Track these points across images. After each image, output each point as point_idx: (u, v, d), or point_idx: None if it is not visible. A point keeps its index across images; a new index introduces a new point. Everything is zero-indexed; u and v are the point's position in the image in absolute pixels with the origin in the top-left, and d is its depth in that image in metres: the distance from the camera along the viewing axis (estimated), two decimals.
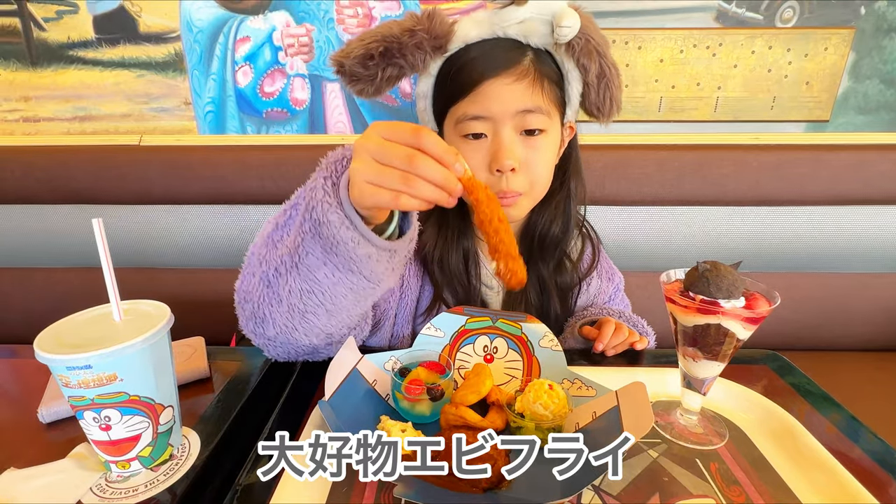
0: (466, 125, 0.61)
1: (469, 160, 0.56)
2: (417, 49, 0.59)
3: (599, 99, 0.63)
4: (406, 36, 0.58)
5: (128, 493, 0.43)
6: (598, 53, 0.60)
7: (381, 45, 0.58)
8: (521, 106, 0.59)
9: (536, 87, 0.60)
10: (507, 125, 0.60)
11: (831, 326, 1.12)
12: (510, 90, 0.59)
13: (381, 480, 0.43)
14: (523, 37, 0.60)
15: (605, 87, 0.62)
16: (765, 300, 0.46)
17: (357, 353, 0.54)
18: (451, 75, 0.62)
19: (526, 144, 0.61)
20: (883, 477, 0.45)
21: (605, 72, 0.62)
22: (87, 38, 1.09)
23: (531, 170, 0.62)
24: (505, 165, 0.60)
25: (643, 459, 0.47)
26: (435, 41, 0.59)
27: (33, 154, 1.08)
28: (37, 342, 0.40)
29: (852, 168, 1.03)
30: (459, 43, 0.60)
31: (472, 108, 0.60)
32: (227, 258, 1.12)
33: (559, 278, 0.73)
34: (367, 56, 0.58)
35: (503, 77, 0.59)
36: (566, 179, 0.71)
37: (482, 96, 0.59)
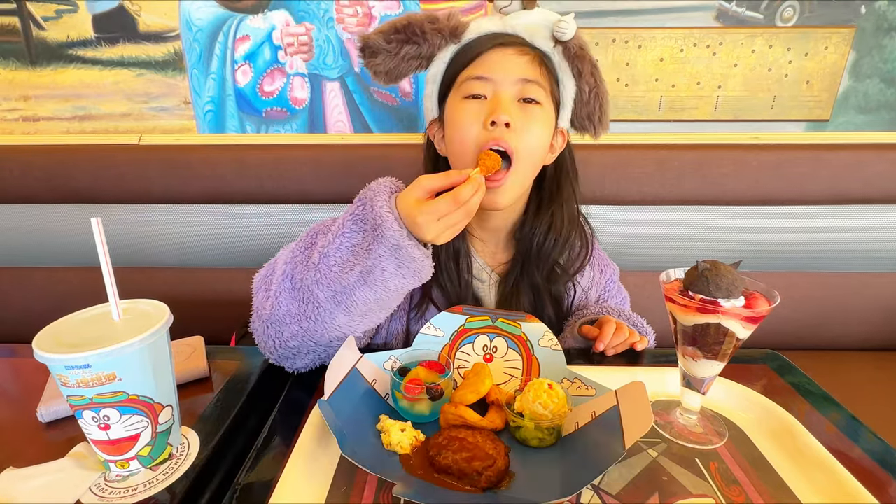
0: (469, 85, 0.65)
1: (464, 115, 0.65)
2: (436, 32, 0.65)
3: (590, 107, 0.68)
4: (427, 21, 0.65)
5: (127, 493, 0.43)
6: (592, 64, 0.66)
7: (406, 20, 0.65)
8: (521, 74, 0.64)
9: (536, 63, 0.65)
10: (507, 89, 0.64)
11: (831, 326, 1.12)
12: (513, 59, 0.64)
13: (381, 479, 0.43)
14: (529, 36, 0.66)
15: (596, 95, 0.67)
16: (764, 299, 0.46)
17: (356, 352, 0.54)
18: (458, 55, 0.67)
19: (523, 110, 0.64)
20: (882, 476, 0.45)
21: (598, 81, 0.67)
22: (86, 37, 1.09)
23: (524, 133, 0.64)
24: (500, 118, 0.62)
25: (643, 459, 0.47)
26: (452, 29, 0.66)
27: (32, 153, 1.07)
28: (36, 341, 0.40)
29: (852, 167, 1.03)
30: (473, 34, 0.67)
31: (475, 71, 0.65)
32: (226, 257, 1.12)
33: (552, 286, 0.74)
34: (392, 29, 0.65)
35: (508, 49, 0.64)
36: (560, 186, 0.73)
37: (487, 61, 0.64)
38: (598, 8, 1.05)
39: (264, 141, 1.14)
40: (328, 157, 1.04)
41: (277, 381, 0.63)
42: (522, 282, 0.73)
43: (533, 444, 0.48)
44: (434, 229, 0.54)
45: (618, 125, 1.14)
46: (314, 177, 1.05)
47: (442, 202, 0.52)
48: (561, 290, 0.75)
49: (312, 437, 0.48)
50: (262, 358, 0.64)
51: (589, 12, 1.06)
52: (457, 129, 0.66)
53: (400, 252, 0.53)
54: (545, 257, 0.72)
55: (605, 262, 0.81)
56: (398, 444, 0.46)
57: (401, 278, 0.55)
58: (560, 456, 0.46)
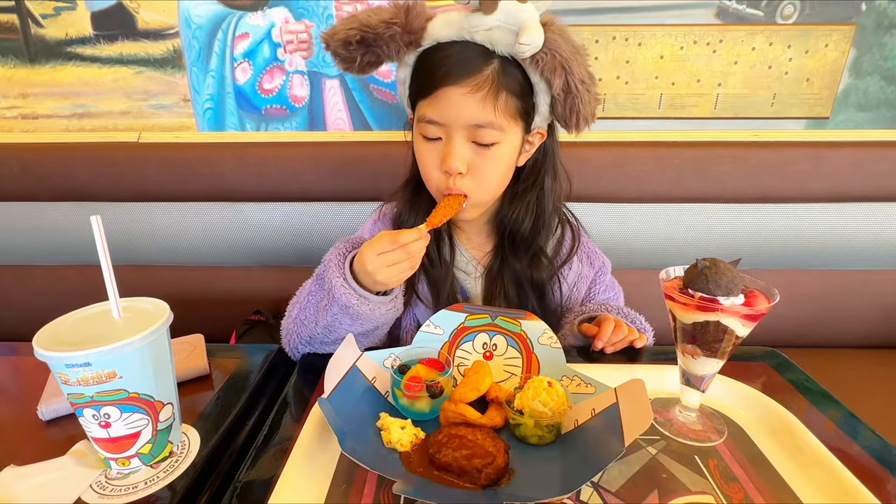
0: (424, 127, 0.65)
1: (425, 159, 0.67)
2: (391, 41, 0.61)
3: (565, 112, 0.63)
4: (382, 27, 0.60)
5: (127, 490, 0.43)
6: (563, 69, 0.59)
7: (358, 33, 0.60)
8: (472, 120, 0.62)
9: (490, 100, 0.61)
10: (458, 133, 0.63)
11: (830, 323, 1.12)
12: (464, 101, 0.61)
13: (381, 477, 0.43)
14: (490, 44, 0.60)
15: (572, 102, 0.62)
16: (764, 297, 0.46)
17: (356, 350, 0.54)
18: (418, 72, 0.65)
19: (476, 153, 0.64)
20: (881, 473, 0.45)
21: (572, 87, 0.60)
22: (85, 34, 1.09)
23: (479, 176, 0.65)
24: (451, 168, 0.63)
25: (642, 456, 0.47)
26: (408, 36, 0.61)
27: (32, 151, 1.07)
28: (36, 340, 0.40)
29: (852, 165, 1.03)
30: (431, 41, 0.62)
31: (429, 111, 0.63)
32: (226, 255, 1.12)
33: (534, 273, 0.74)
34: (346, 41, 0.61)
35: (460, 86, 0.60)
36: (539, 179, 0.72)
37: (440, 101, 0.62)
38: (599, 5, 1.05)
39: (264, 139, 1.14)
40: (328, 154, 1.04)
41: (278, 379, 0.63)
42: (505, 269, 0.74)
43: (532, 442, 0.48)
44: (383, 273, 0.58)
45: (618, 123, 1.14)
46: (314, 174, 1.05)
47: (382, 241, 0.58)
48: (543, 278, 0.75)
49: (313, 434, 0.48)
50: (263, 356, 0.64)
51: (589, 9, 1.06)
52: (420, 167, 0.69)
53: (349, 310, 0.60)
54: (524, 241, 0.73)
55: (594, 255, 0.81)
56: (398, 441, 0.47)
57: (359, 326, 0.61)
58: (560, 453, 0.47)
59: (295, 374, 0.62)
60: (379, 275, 0.59)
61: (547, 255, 0.75)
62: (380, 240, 0.58)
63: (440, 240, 0.74)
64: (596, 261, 0.81)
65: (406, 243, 0.57)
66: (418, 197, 0.74)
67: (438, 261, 0.73)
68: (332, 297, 0.61)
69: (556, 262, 0.76)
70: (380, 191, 1.04)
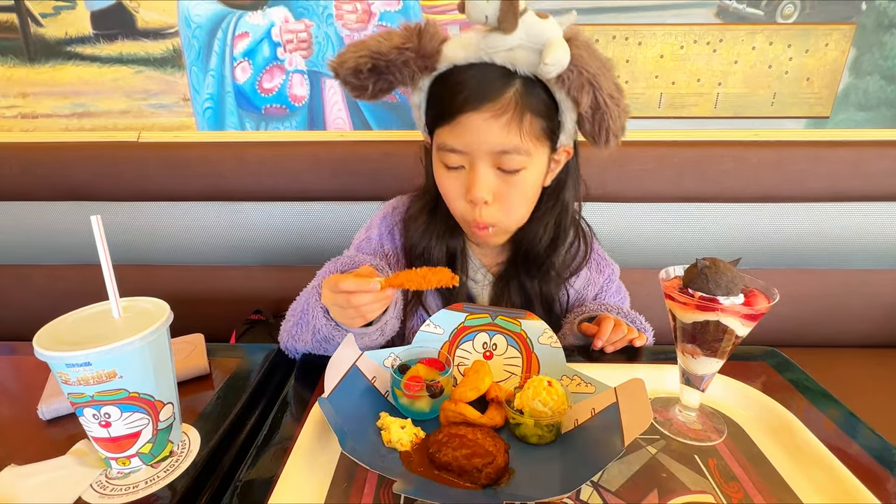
0: (445, 155, 0.62)
1: (448, 189, 0.65)
2: (405, 66, 0.58)
3: (594, 129, 0.60)
4: (394, 54, 0.57)
5: (128, 490, 0.43)
6: (591, 85, 0.56)
7: (369, 61, 0.58)
8: (497, 146, 0.59)
9: (514, 124, 0.58)
10: (483, 160, 0.60)
11: (830, 323, 1.12)
12: (488, 126, 0.58)
13: (381, 476, 0.43)
14: (511, 64, 0.57)
15: (601, 118, 0.59)
16: (764, 297, 0.46)
17: (356, 350, 0.54)
18: (436, 96, 0.62)
19: (502, 179, 0.61)
20: (881, 473, 0.45)
21: (601, 103, 0.57)
22: (84, 33, 1.09)
23: (506, 203, 0.63)
24: (477, 199, 0.61)
25: (642, 456, 0.47)
26: (422, 61, 0.58)
27: (31, 151, 1.07)
28: (36, 339, 0.40)
29: (852, 164, 1.03)
30: (447, 63, 0.59)
31: (450, 139, 0.60)
32: (226, 255, 1.12)
33: (544, 287, 0.73)
34: (357, 69, 0.58)
35: (482, 111, 0.57)
36: (560, 198, 0.70)
37: (461, 128, 0.59)
38: (599, 5, 1.05)
39: (263, 138, 1.14)
40: (327, 154, 1.04)
41: (278, 378, 0.63)
42: (513, 282, 0.73)
43: (532, 441, 0.48)
44: (335, 312, 0.57)
45: None
46: (313, 174, 1.04)
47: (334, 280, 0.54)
48: (552, 292, 0.74)
49: (313, 434, 0.48)
50: (263, 355, 0.64)
51: (589, 9, 1.06)
52: (443, 195, 0.66)
53: (329, 342, 0.60)
54: (539, 260, 0.71)
55: (603, 261, 0.80)
56: (398, 441, 0.47)
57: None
58: (560, 453, 0.47)
59: (295, 373, 0.62)
60: (332, 313, 0.57)
61: (557, 270, 0.73)
62: (335, 279, 0.54)
63: (452, 247, 0.72)
64: (606, 268, 0.79)
65: (347, 291, 0.53)
66: (434, 218, 0.71)
67: None
68: (314, 327, 0.60)
69: (565, 271, 0.74)
70: (380, 190, 1.04)
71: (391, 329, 0.63)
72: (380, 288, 0.53)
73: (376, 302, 0.55)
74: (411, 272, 0.53)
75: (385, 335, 0.62)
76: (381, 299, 0.55)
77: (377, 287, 0.53)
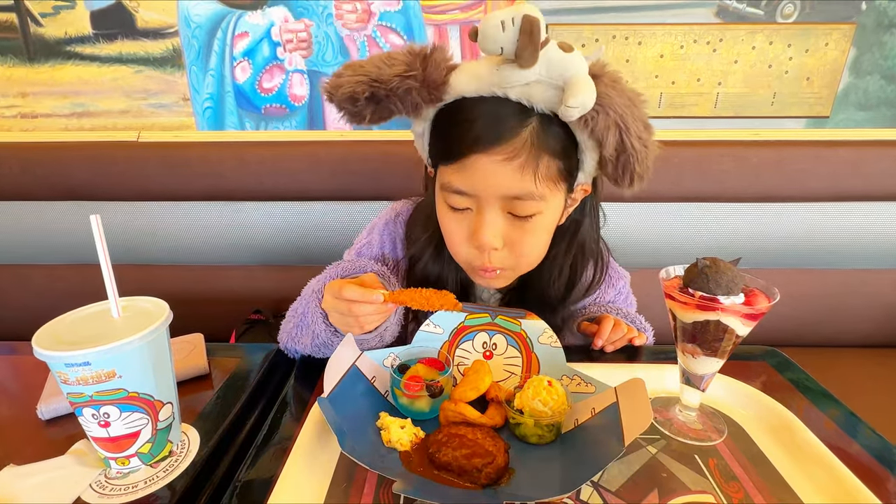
0: (451, 197, 0.57)
1: (452, 232, 0.60)
2: (407, 95, 0.52)
3: (618, 173, 0.54)
4: (396, 81, 0.51)
5: (127, 490, 0.43)
6: (618, 127, 0.51)
7: (367, 88, 0.52)
8: (508, 191, 0.54)
9: (529, 167, 0.52)
10: (492, 205, 0.55)
11: (831, 323, 1.12)
12: (498, 170, 0.52)
13: (381, 476, 0.43)
14: (527, 100, 0.51)
15: (626, 161, 0.52)
16: (764, 296, 0.46)
17: (356, 349, 0.54)
18: (442, 130, 0.57)
19: (513, 224, 0.56)
20: (881, 473, 0.45)
21: (627, 146, 0.51)
22: (84, 33, 1.09)
23: (517, 250, 0.58)
24: (485, 244, 0.56)
25: (642, 455, 0.47)
26: (427, 91, 0.52)
27: (31, 150, 1.07)
28: (35, 339, 0.40)
29: (852, 164, 1.03)
30: (454, 95, 0.54)
31: (455, 180, 0.55)
32: (225, 254, 1.12)
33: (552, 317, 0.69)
34: (353, 97, 0.53)
35: (493, 153, 0.52)
36: (574, 240, 0.65)
37: (468, 170, 0.53)
38: (599, 4, 1.05)
39: (263, 138, 1.14)
40: (327, 154, 1.04)
41: (277, 378, 0.63)
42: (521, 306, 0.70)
43: (532, 441, 0.48)
44: (334, 318, 0.56)
45: None
46: (313, 174, 1.04)
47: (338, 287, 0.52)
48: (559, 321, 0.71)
49: (312, 434, 0.48)
50: (263, 355, 0.64)
51: (589, 8, 1.06)
52: (446, 237, 0.61)
53: (328, 347, 0.58)
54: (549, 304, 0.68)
55: (616, 276, 0.75)
56: (398, 441, 0.47)
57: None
58: (560, 453, 0.47)
59: (294, 373, 0.62)
60: (331, 318, 0.56)
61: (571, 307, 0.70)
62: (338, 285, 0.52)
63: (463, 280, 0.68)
64: (618, 282, 0.75)
65: (349, 300, 0.51)
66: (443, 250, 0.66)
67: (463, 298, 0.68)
68: (314, 332, 0.58)
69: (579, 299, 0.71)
70: (380, 190, 1.04)
71: (391, 334, 0.62)
72: (382, 300, 0.51)
73: (377, 314, 0.54)
74: (415, 292, 0.51)
75: (384, 341, 0.61)
76: (381, 311, 0.54)
77: (380, 300, 0.51)
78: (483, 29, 0.48)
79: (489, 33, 0.48)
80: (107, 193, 1.08)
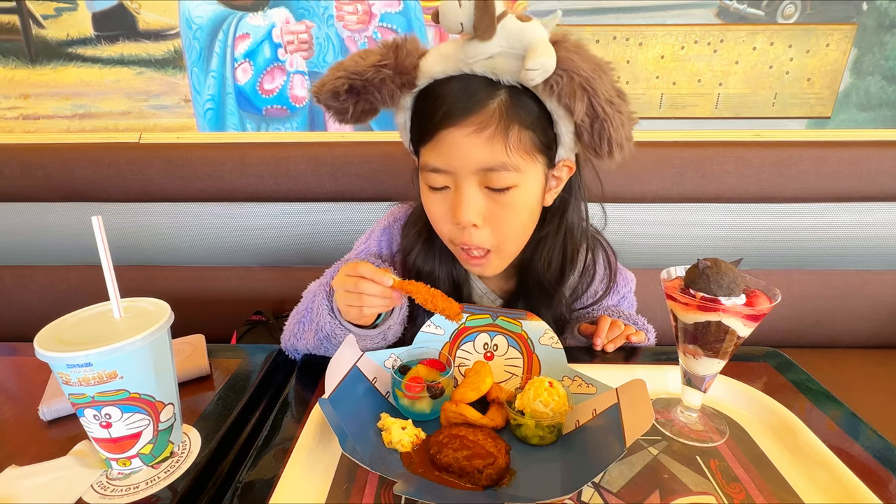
0: (429, 176, 0.58)
1: (434, 212, 0.61)
2: (383, 85, 0.55)
3: (594, 140, 0.54)
4: (371, 72, 0.54)
5: (129, 491, 0.43)
6: (585, 90, 0.51)
7: (345, 82, 0.55)
8: (481, 163, 0.54)
9: (499, 139, 0.53)
10: (468, 179, 0.56)
11: (832, 323, 1.12)
12: (470, 143, 0.53)
13: (382, 477, 0.43)
14: (493, 74, 0.53)
15: (600, 128, 0.52)
16: (765, 297, 0.46)
17: (357, 350, 0.54)
18: (416, 115, 0.59)
19: (492, 199, 0.57)
20: (883, 474, 0.45)
21: (598, 111, 0.51)
22: (86, 35, 1.09)
23: (498, 226, 0.58)
24: (463, 221, 0.57)
25: (643, 456, 0.47)
26: (400, 77, 0.55)
27: (33, 152, 1.07)
28: (37, 340, 0.40)
29: (854, 165, 1.02)
30: (426, 79, 0.56)
31: (432, 159, 0.57)
32: (226, 255, 1.12)
33: (554, 311, 0.70)
34: (335, 91, 0.56)
35: (462, 126, 0.53)
36: (563, 221, 0.66)
37: (442, 145, 0.55)
38: (599, 5, 1.05)
39: (264, 139, 1.14)
40: (328, 155, 1.04)
41: (279, 379, 0.63)
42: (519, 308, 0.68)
43: (533, 442, 0.48)
44: (339, 296, 0.57)
45: None
46: (314, 175, 1.05)
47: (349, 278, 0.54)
48: (563, 312, 0.71)
49: (313, 435, 0.48)
50: (264, 356, 0.64)
51: (590, 9, 1.06)
52: (430, 218, 0.62)
53: (333, 340, 0.59)
54: (550, 290, 0.68)
55: (622, 281, 0.75)
56: (399, 442, 0.47)
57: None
58: (561, 454, 0.47)
59: (296, 374, 0.62)
60: (336, 296, 0.57)
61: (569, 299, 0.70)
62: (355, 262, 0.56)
63: (455, 276, 0.69)
64: (623, 287, 0.75)
65: (362, 276, 0.54)
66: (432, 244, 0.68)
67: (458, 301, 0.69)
68: (318, 324, 0.59)
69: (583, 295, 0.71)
70: (380, 191, 1.04)
71: (394, 334, 0.62)
72: (392, 284, 0.53)
73: (381, 298, 0.54)
74: (423, 286, 0.53)
75: (387, 340, 0.62)
76: (386, 296, 0.54)
77: (389, 282, 0.53)
78: (442, 8, 0.51)
79: (447, 11, 0.50)
80: (108, 195, 1.08)
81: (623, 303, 0.77)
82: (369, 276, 0.54)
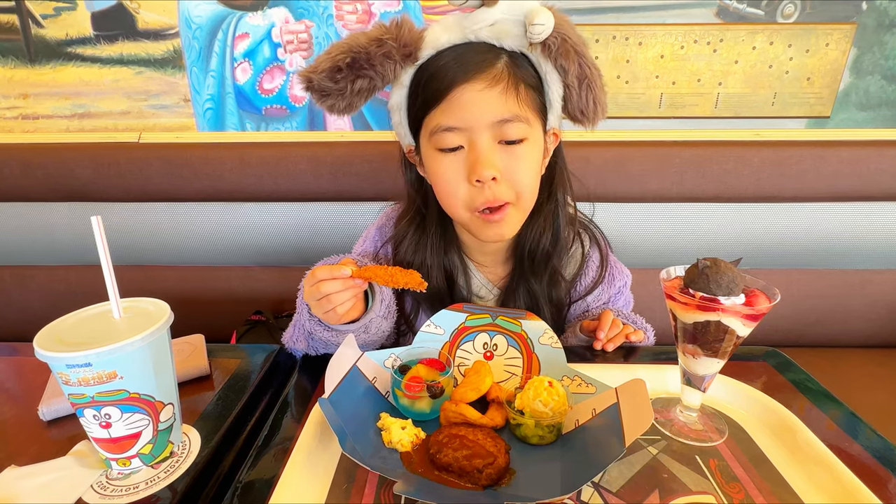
0: (441, 137, 0.58)
1: (447, 175, 0.60)
2: (387, 59, 0.56)
3: (582, 101, 0.59)
4: (374, 45, 0.55)
5: (128, 491, 0.43)
6: (576, 53, 0.56)
7: (347, 55, 0.55)
8: (496, 115, 0.57)
9: (511, 92, 0.57)
10: (483, 134, 0.57)
11: (831, 323, 1.12)
12: (484, 97, 0.56)
13: (382, 477, 0.43)
14: (496, 40, 0.57)
15: (587, 87, 0.58)
16: (765, 297, 0.46)
17: (357, 350, 0.54)
18: (422, 83, 0.59)
19: (506, 153, 0.59)
20: (882, 473, 0.45)
21: (586, 72, 0.58)
22: (85, 34, 1.09)
23: (514, 179, 0.60)
24: (484, 175, 0.57)
25: (643, 456, 0.47)
26: (404, 49, 0.56)
27: (32, 152, 1.07)
28: (37, 340, 0.40)
29: (853, 164, 1.02)
30: (430, 50, 0.58)
31: (445, 119, 0.57)
32: (226, 255, 1.12)
33: (553, 292, 0.71)
34: (334, 69, 0.55)
35: (475, 82, 0.56)
36: (553, 191, 0.68)
37: (455, 104, 0.57)
38: (599, 5, 1.05)
39: (264, 139, 1.14)
40: (328, 154, 1.04)
41: (278, 379, 0.63)
42: (521, 289, 0.70)
43: (533, 442, 0.48)
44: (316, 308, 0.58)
45: (618, 122, 1.14)
46: (314, 175, 1.05)
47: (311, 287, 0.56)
48: (561, 296, 0.72)
49: (313, 435, 0.48)
50: (264, 356, 0.64)
51: (589, 9, 1.06)
52: (441, 186, 0.62)
53: (312, 336, 0.61)
54: (542, 261, 0.69)
55: (617, 273, 0.76)
56: (399, 441, 0.47)
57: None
58: (560, 453, 0.47)
59: (296, 374, 0.62)
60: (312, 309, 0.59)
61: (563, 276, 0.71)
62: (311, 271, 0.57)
63: (451, 266, 0.70)
64: (619, 279, 0.76)
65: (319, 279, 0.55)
66: (423, 233, 0.69)
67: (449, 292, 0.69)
68: (308, 332, 0.61)
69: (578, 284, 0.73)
70: (380, 191, 1.04)
71: (378, 329, 0.62)
72: (350, 274, 0.55)
73: (345, 290, 0.56)
74: (381, 268, 0.55)
75: (371, 334, 0.62)
76: (349, 287, 0.56)
77: (347, 273, 0.55)
78: None
79: None
80: (108, 194, 1.08)
81: (619, 298, 0.78)
82: (327, 276, 0.55)
